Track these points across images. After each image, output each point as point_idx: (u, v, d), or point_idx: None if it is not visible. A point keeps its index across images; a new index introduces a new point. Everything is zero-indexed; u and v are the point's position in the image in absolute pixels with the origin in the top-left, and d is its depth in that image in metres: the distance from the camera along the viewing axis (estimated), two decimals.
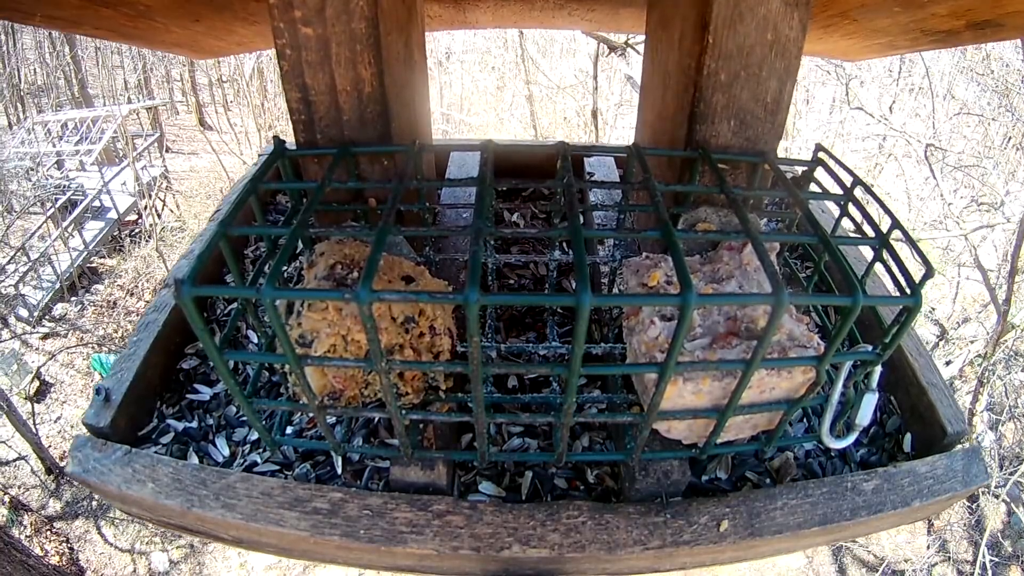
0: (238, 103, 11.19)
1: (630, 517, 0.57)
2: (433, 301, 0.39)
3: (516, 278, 0.87)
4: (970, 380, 5.73)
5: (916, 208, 6.95)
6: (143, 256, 8.16)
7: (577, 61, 9.57)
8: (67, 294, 7.60)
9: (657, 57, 0.69)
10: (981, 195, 6.30)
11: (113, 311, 7.61)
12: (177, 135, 11.89)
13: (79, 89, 10.94)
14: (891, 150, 7.86)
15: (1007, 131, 7.29)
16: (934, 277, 0.48)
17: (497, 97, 10.78)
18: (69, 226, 7.84)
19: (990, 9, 0.57)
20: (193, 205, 9.56)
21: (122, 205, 8.67)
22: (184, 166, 10.70)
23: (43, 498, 5.89)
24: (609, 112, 8.35)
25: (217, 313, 0.81)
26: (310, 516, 0.56)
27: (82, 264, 7.93)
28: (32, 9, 0.65)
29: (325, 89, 0.56)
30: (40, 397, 6.67)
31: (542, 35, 9.15)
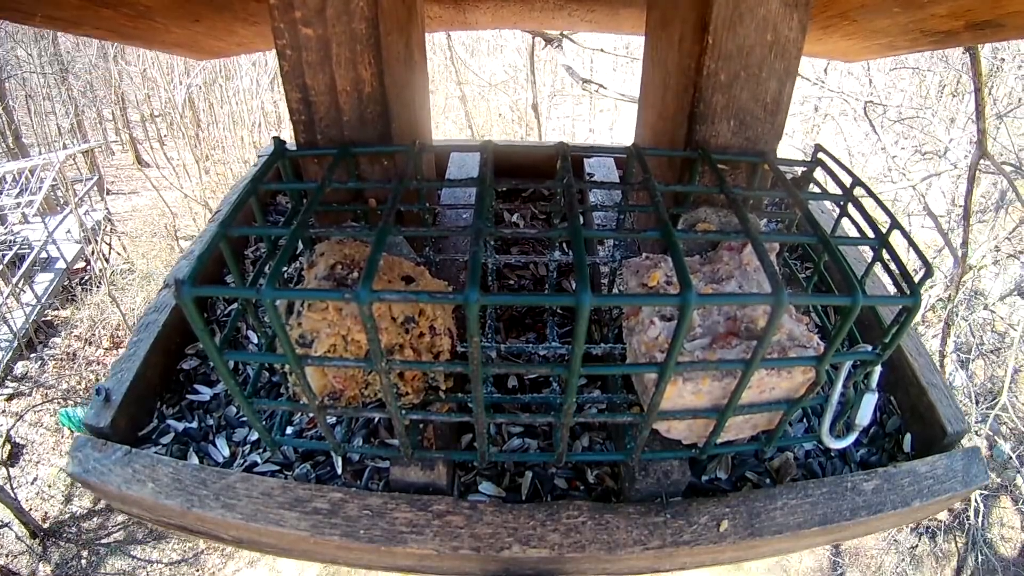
0: (172, 135, 11.03)
1: (630, 517, 0.57)
2: (433, 301, 0.39)
3: (516, 278, 0.87)
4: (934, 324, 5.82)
5: (860, 165, 6.96)
6: (96, 303, 8.03)
7: (505, 57, 9.54)
8: (25, 351, 7.43)
9: (657, 57, 0.69)
10: (923, 144, 6.34)
11: (74, 363, 7.49)
12: (116, 175, 11.78)
13: (13, 140, 10.67)
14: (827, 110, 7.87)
15: (941, 79, 7.34)
16: (933, 276, 0.48)
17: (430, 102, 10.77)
18: (19, 281, 7.62)
19: (990, 9, 0.58)
20: (139, 245, 9.50)
21: (69, 254, 8.49)
22: (126, 206, 10.64)
23: (32, 563, 5.79)
24: (543, 104, 8.35)
25: (217, 313, 0.81)
26: (310, 516, 0.56)
27: (37, 319, 7.73)
28: (32, 9, 0.65)
29: (325, 89, 0.56)
30: (13, 460, 6.54)
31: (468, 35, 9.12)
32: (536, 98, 6.01)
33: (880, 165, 6.55)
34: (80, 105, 11.57)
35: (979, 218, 5.58)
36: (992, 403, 4.89)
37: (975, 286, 5.42)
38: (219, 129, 9.92)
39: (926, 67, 7.06)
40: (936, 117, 6.09)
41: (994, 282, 6.29)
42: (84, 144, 10.90)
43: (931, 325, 5.98)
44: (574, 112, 11.52)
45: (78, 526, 6.21)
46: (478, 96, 9.68)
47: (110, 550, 6.06)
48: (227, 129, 9.82)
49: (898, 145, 6.61)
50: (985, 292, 6.01)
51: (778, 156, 0.60)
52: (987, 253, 5.06)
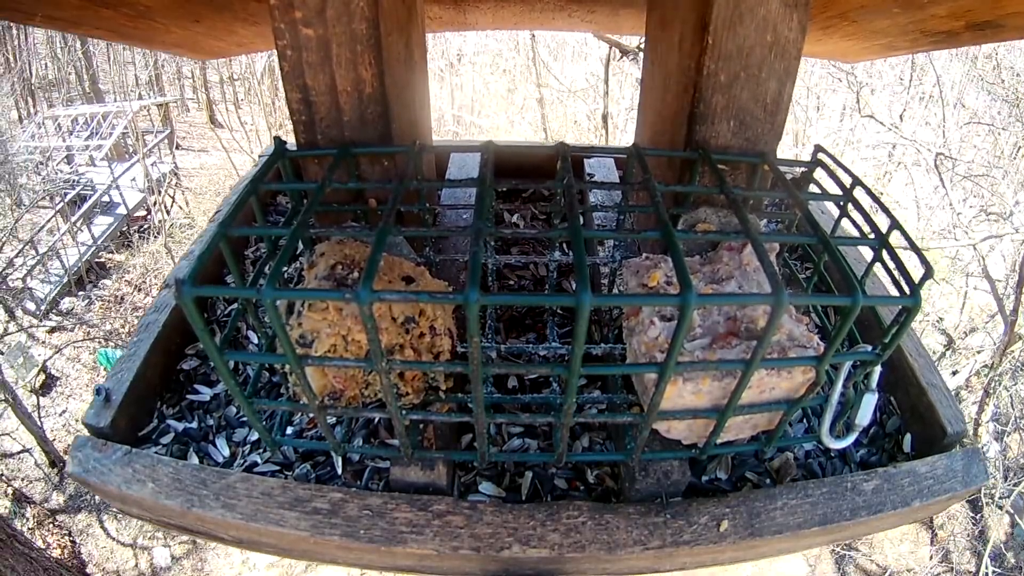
0: (249, 101, 11.17)
1: (630, 517, 0.57)
2: (433, 301, 0.39)
3: (516, 279, 0.87)
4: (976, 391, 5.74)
5: (925, 217, 6.94)
6: (151, 252, 8.16)
7: (588, 65, 9.57)
8: (74, 288, 7.60)
9: (657, 58, 0.69)
10: (990, 204, 6.29)
11: (120, 306, 7.61)
12: (187, 132, 11.87)
13: (90, 84, 10.91)
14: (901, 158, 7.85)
15: (1016, 140, 7.29)
16: (933, 277, 0.48)
17: (508, 100, 10.78)
18: (78, 221, 7.84)
19: (990, 10, 0.58)
20: (203, 202, 9.56)
21: (131, 201, 8.68)
22: (194, 163, 10.68)
23: (46, 491, 5.89)
24: (619, 116, 8.36)
25: (217, 314, 0.81)
26: (310, 516, 0.56)
27: (90, 259, 7.93)
28: (32, 9, 0.65)
29: (326, 90, 0.56)
30: (46, 391, 6.67)
31: (553, 38, 9.15)
32: (607, 108, 5.98)
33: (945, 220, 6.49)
34: (160, 59, 11.60)
35: None
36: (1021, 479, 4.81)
37: (1022, 357, 5.25)
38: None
39: (1001, 125, 7.01)
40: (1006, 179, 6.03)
41: None
42: (160, 97, 11.02)
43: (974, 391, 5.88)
44: None
45: None
46: (557, 100, 9.69)
47: None
48: None
49: (965, 203, 6.57)
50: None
51: (779, 158, 0.61)
52: None
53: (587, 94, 9.16)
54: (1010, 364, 4.89)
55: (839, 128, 8.03)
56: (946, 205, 5.91)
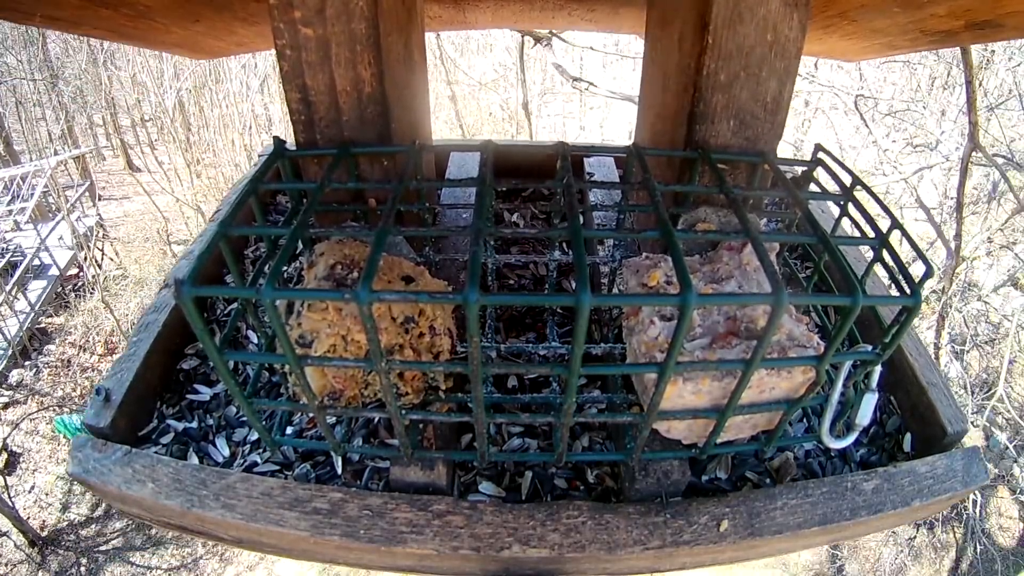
0: (163, 140, 11.03)
1: (630, 517, 0.57)
2: (433, 301, 0.39)
3: (516, 278, 0.87)
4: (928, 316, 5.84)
5: (851, 158, 6.96)
6: (90, 310, 8.04)
7: (495, 55, 9.57)
8: (20, 359, 7.44)
9: (657, 57, 0.69)
10: (915, 137, 6.34)
11: (68, 370, 7.50)
12: (107, 181, 11.78)
13: (4, 147, 10.65)
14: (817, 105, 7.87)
15: (932, 73, 7.36)
16: (934, 276, 0.48)
17: None
18: (12, 289, 7.62)
19: (990, 9, 0.57)
20: (132, 250, 9.52)
21: (62, 260, 8.50)
22: (117, 211, 10.64)
23: (31, 572, 5.80)
24: (533, 102, 8.36)
25: (217, 313, 0.81)
26: (310, 516, 0.56)
27: (31, 326, 7.75)
28: (32, 9, 0.65)
29: (325, 89, 0.56)
30: (10, 469, 6.54)
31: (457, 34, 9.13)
32: (526, 97, 6.00)
33: (872, 159, 6.56)
34: (70, 111, 11.55)
35: (971, 210, 5.60)
36: (988, 394, 4.91)
37: (969, 278, 5.45)
38: (210, 132, 9.94)
39: (917, 60, 7.08)
40: (927, 110, 6.10)
41: (987, 273, 6.31)
42: (75, 150, 10.90)
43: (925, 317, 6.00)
44: (564, 110, 11.52)
45: (76, 533, 6.21)
46: (468, 95, 9.70)
47: (108, 557, 6.06)
48: (218, 132, 9.83)
49: (889, 138, 6.63)
50: (979, 283, 6.03)
51: (778, 156, 0.60)
52: (980, 244, 5.09)
53: (497, 85, 9.18)
54: (957, 286, 4.98)
55: None
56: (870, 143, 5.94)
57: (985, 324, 6.17)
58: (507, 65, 8.57)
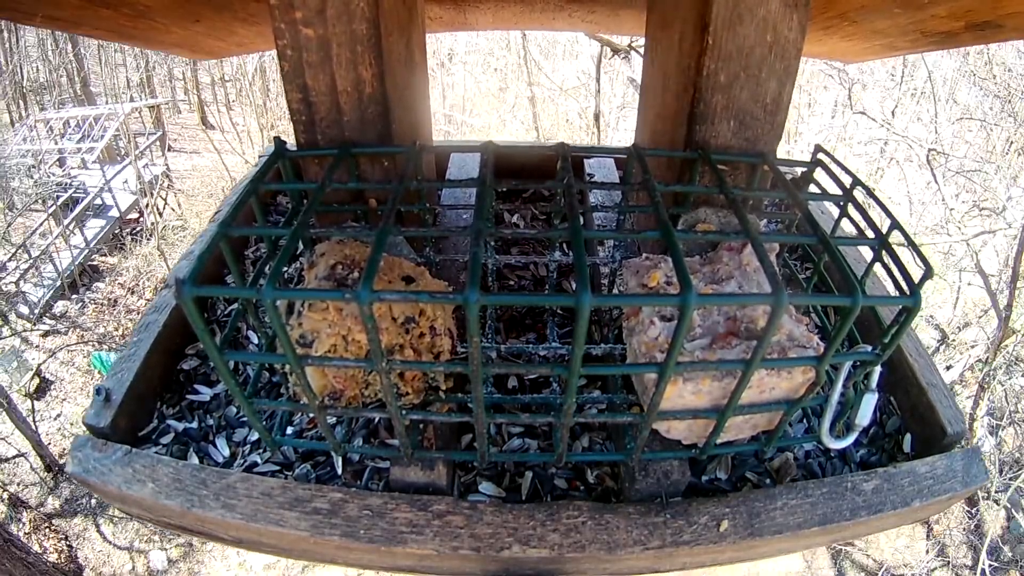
0: (240, 102, 11.17)
1: (630, 517, 0.57)
2: (433, 301, 0.39)
3: (516, 279, 0.87)
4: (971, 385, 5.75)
5: (917, 212, 6.96)
6: (144, 255, 8.16)
7: (579, 63, 9.57)
8: (68, 292, 7.59)
9: (657, 58, 0.69)
10: (983, 200, 6.31)
11: (114, 309, 7.61)
12: (179, 134, 11.86)
13: (81, 87, 10.88)
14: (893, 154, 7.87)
15: (1009, 136, 7.32)
16: (933, 278, 0.48)
17: (499, 99, 10.79)
18: (71, 224, 7.83)
19: (990, 10, 0.58)
20: (195, 204, 9.56)
21: (124, 203, 8.67)
22: (186, 165, 10.67)
23: (42, 495, 5.88)
24: (611, 114, 8.37)
25: (217, 313, 0.81)
26: (310, 516, 0.56)
27: (83, 262, 7.92)
28: (32, 9, 0.65)
29: (326, 90, 0.56)
30: (40, 394, 6.66)
31: (544, 37, 9.17)
32: (599, 107, 5.99)
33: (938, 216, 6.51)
34: (151, 61, 11.61)
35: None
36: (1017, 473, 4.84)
37: (1016, 351, 5.29)
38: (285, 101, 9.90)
39: (994, 121, 7.03)
40: (998, 174, 6.05)
41: None
42: (151, 100, 11.01)
43: (968, 385, 5.91)
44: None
45: None
46: (548, 99, 9.69)
47: None
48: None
49: (958, 198, 6.59)
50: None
51: (778, 157, 0.61)
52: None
53: (578, 92, 9.18)
54: (1004, 359, 4.91)
55: (831, 125, 8.05)
56: (938, 200, 5.92)
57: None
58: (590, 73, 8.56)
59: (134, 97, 11.25)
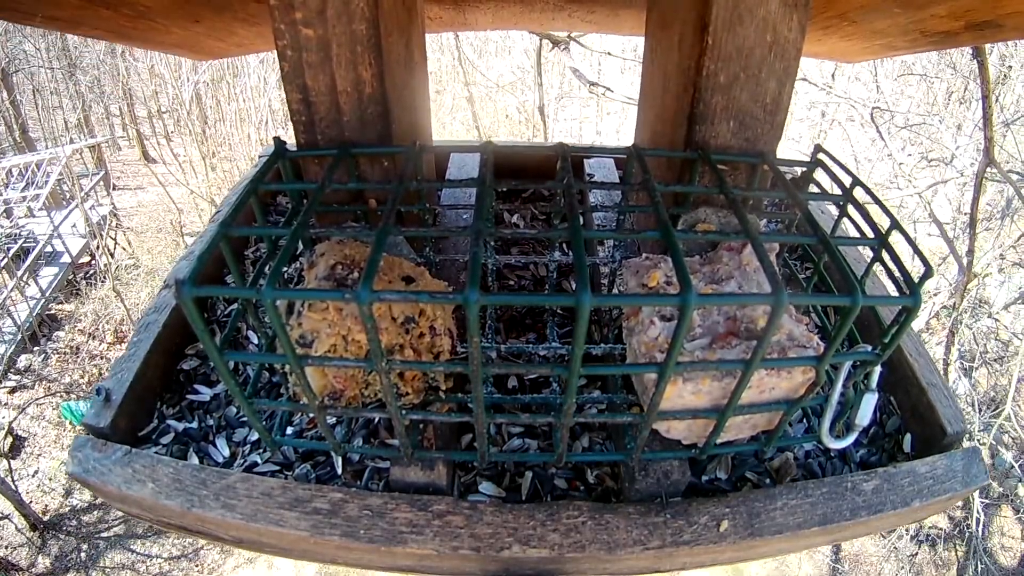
0: (179, 132, 11.10)
1: (630, 517, 0.57)
2: (433, 301, 0.39)
3: (516, 279, 0.87)
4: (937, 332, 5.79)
5: (866, 171, 6.97)
6: (100, 298, 8.08)
7: (513, 58, 9.60)
8: (29, 344, 7.49)
9: (656, 58, 0.69)
10: (930, 151, 6.33)
11: (77, 357, 7.54)
12: (122, 171, 11.85)
13: (20, 134, 10.72)
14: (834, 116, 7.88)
15: (949, 86, 7.36)
16: (933, 276, 0.48)
17: (438, 102, 10.75)
18: (24, 275, 7.67)
19: (990, 10, 0.58)
20: (145, 240, 9.56)
21: (74, 248, 8.55)
22: (132, 201, 10.71)
23: (31, 556, 5.82)
24: (550, 106, 8.39)
25: (217, 314, 0.81)
26: (310, 516, 0.56)
27: (41, 312, 7.79)
28: (32, 10, 0.65)
29: (326, 90, 0.56)
30: (15, 453, 6.57)
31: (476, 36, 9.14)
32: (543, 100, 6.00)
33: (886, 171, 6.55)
34: (87, 100, 11.63)
35: (985, 226, 5.56)
36: (995, 412, 4.88)
37: (980, 294, 5.40)
38: (226, 126, 9.96)
39: (934, 74, 7.07)
40: (943, 124, 6.08)
41: (999, 290, 6.26)
42: (91, 139, 10.95)
43: (935, 332, 5.96)
44: (581, 115, 11.52)
45: (78, 519, 6.22)
46: (485, 97, 9.71)
47: (109, 544, 6.07)
48: (234, 126, 9.86)
49: (905, 152, 6.62)
50: (990, 300, 5.99)
51: (778, 157, 0.61)
52: (992, 261, 5.05)
53: (515, 87, 9.20)
54: (968, 302, 4.96)
55: None
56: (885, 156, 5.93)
57: (995, 342, 6.12)
58: (525, 68, 8.58)
59: (73, 139, 11.12)
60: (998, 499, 5.53)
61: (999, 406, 4.82)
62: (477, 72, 8.77)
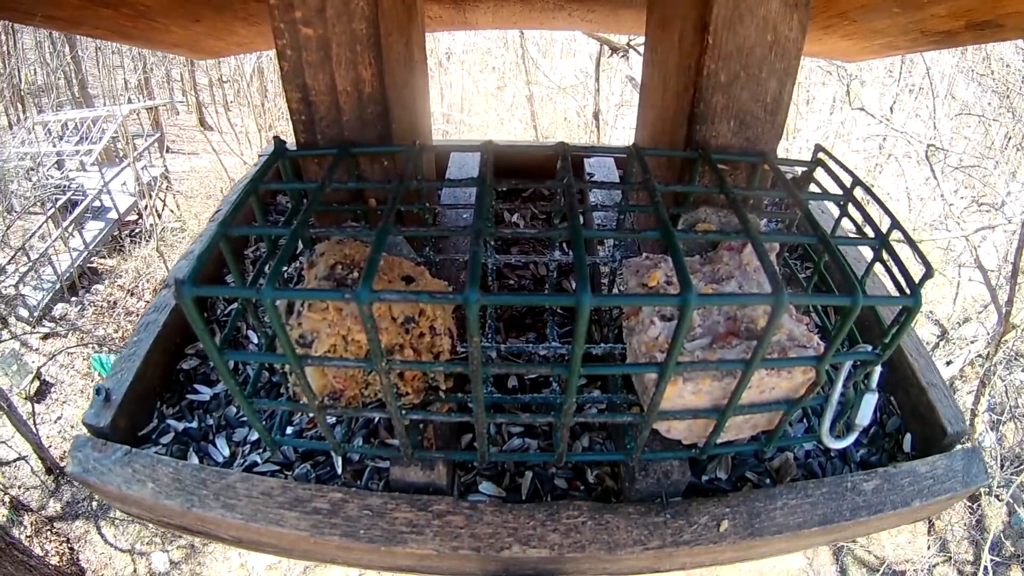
0: (238, 103, 11.19)
1: (630, 517, 0.57)
2: (433, 301, 0.39)
3: (516, 278, 0.87)
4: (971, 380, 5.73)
5: (916, 208, 6.97)
6: (143, 256, 8.16)
7: (578, 61, 9.59)
8: (67, 294, 7.59)
9: (657, 58, 0.69)
10: (982, 195, 6.31)
11: (113, 311, 7.61)
12: (177, 135, 11.87)
13: (79, 89, 10.89)
14: (891, 150, 7.88)
15: (1007, 131, 7.32)
16: (934, 277, 0.48)
17: (497, 97, 10.80)
18: (69, 226, 7.83)
19: (990, 9, 0.58)
20: (193, 205, 9.57)
21: (122, 205, 8.67)
22: (184, 166, 10.69)
23: (43, 498, 5.88)
24: (609, 113, 8.39)
25: (217, 313, 0.81)
26: (310, 516, 0.56)
27: (82, 264, 7.92)
28: (32, 9, 0.65)
29: (325, 89, 0.56)
30: (40, 397, 6.66)
31: (542, 35, 9.18)
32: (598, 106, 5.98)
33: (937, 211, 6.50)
34: (149, 63, 11.61)
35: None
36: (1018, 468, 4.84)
37: (1016, 347, 5.29)
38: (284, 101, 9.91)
39: (992, 117, 7.02)
40: (997, 169, 6.05)
41: None
42: (149, 101, 11.02)
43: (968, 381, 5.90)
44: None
45: None
46: (546, 97, 9.70)
47: None
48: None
49: (957, 194, 6.58)
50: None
51: (778, 157, 0.60)
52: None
53: (576, 91, 9.21)
54: (1004, 354, 4.91)
55: (829, 121, 8.04)
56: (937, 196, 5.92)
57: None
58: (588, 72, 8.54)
59: (132, 99, 11.25)
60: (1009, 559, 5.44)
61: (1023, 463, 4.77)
62: (540, 72, 8.75)
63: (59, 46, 10.26)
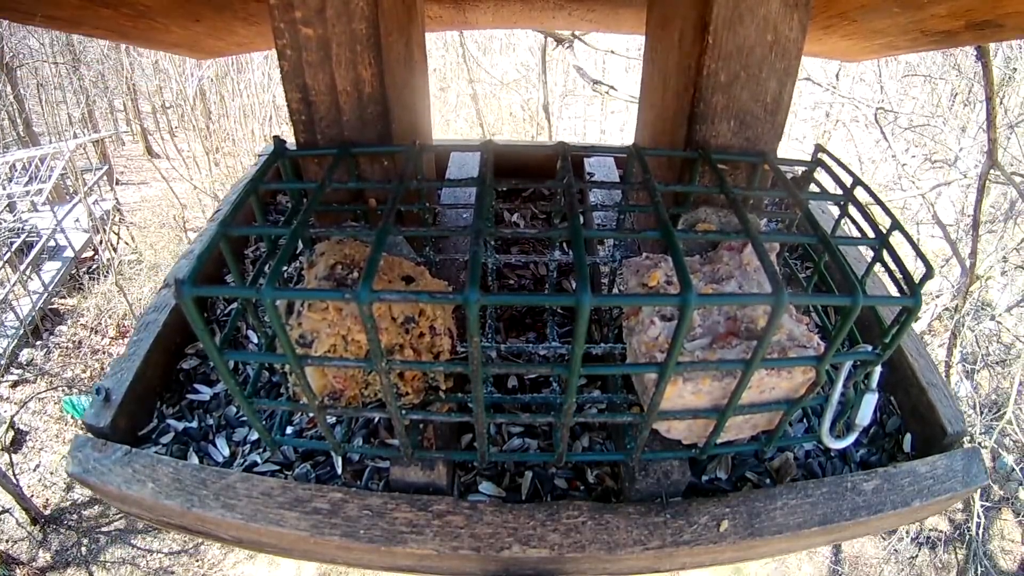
0: (183, 127, 11.12)
1: (630, 517, 0.57)
2: (433, 301, 0.39)
3: (516, 278, 0.87)
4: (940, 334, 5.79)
5: (869, 172, 6.97)
6: (103, 292, 8.06)
7: (518, 55, 9.60)
8: (31, 338, 7.46)
9: (657, 57, 0.69)
10: (934, 153, 6.34)
11: (79, 351, 7.51)
12: (125, 166, 11.85)
13: (24, 128, 10.71)
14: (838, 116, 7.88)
15: (953, 88, 7.38)
16: (934, 277, 0.48)
17: (442, 99, 10.75)
18: (27, 269, 7.64)
19: (990, 9, 0.57)
20: (147, 235, 9.54)
21: (77, 242, 8.53)
22: (135, 197, 10.70)
23: (32, 550, 5.81)
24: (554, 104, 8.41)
25: (217, 313, 0.81)
26: (310, 516, 0.56)
27: (43, 306, 7.76)
28: (32, 9, 0.65)
29: (325, 89, 0.56)
30: (16, 447, 6.55)
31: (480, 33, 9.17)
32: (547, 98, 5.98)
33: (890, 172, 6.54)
34: (91, 95, 11.60)
35: (988, 228, 5.56)
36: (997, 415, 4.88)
37: (982, 297, 5.38)
38: (230, 122, 9.97)
39: (938, 75, 7.05)
40: (947, 126, 6.08)
41: (1002, 293, 6.25)
42: (94, 134, 10.94)
43: (937, 335, 5.96)
44: (585, 113, 11.52)
45: (79, 514, 6.23)
46: (490, 94, 9.70)
47: (110, 539, 6.08)
48: (238, 122, 9.87)
49: (908, 153, 6.61)
50: (992, 303, 5.97)
51: (779, 156, 0.60)
52: (995, 264, 5.04)
53: (519, 85, 9.22)
54: (971, 304, 4.96)
55: None
56: (889, 157, 5.93)
57: (997, 344, 6.10)
58: (529, 65, 8.56)
59: (77, 133, 11.08)
60: (999, 502, 5.53)
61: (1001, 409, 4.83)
62: (481, 69, 8.76)
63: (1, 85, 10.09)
